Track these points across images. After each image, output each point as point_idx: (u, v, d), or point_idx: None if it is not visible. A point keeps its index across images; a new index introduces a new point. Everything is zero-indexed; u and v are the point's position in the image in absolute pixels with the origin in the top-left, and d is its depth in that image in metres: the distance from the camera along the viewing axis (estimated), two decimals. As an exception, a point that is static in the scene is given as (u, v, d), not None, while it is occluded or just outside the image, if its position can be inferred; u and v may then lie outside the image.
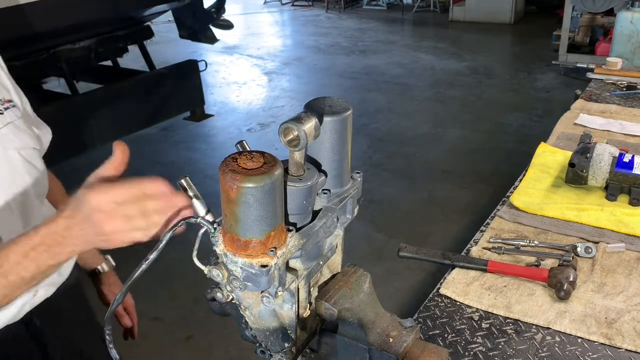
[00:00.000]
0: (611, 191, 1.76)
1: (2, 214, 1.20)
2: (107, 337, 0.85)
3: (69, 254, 0.91)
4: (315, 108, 0.81)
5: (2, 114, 1.24)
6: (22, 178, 1.26)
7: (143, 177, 0.86)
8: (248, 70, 8.06)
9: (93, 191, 0.85)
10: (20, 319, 1.31)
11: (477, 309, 1.37)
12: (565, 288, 1.35)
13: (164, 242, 0.80)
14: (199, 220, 0.80)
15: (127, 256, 1.26)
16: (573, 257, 1.48)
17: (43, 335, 1.36)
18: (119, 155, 0.89)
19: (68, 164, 3.47)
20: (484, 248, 1.59)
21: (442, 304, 1.40)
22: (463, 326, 1.33)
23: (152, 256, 0.80)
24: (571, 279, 1.37)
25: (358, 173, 0.90)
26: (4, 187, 1.21)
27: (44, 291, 1.34)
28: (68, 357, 1.45)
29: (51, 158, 1.39)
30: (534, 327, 1.31)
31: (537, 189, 1.86)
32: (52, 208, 1.42)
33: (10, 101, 1.28)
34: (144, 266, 0.80)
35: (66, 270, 1.41)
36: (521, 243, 1.58)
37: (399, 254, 1.56)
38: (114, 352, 0.86)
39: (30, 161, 1.29)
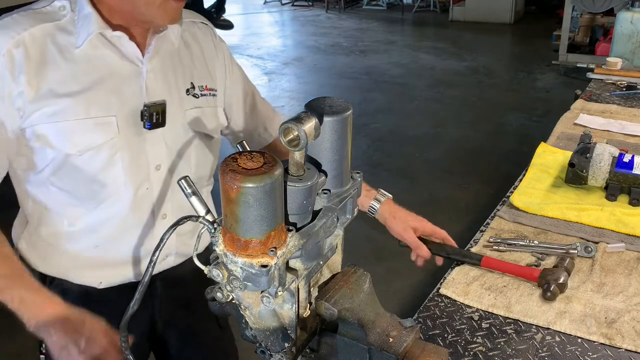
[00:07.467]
0: (611, 191, 1.76)
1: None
2: (123, 343, 0.86)
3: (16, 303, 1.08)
4: (315, 108, 0.81)
5: (197, 97, 1.30)
6: (188, 159, 1.32)
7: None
8: (248, 70, 7.97)
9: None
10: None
11: (477, 309, 1.37)
12: (552, 289, 1.35)
13: (164, 243, 0.81)
14: (199, 220, 0.80)
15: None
16: (570, 258, 1.47)
17: (158, 298, 1.40)
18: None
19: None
20: (484, 247, 1.59)
21: (442, 304, 1.40)
22: (463, 326, 1.33)
23: (155, 257, 0.81)
24: (561, 280, 1.36)
25: (358, 173, 0.90)
26: (173, 159, 1.28)
27: (173, 258, 1.37)
28: (175, 328, 1.48)
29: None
30: (533, 327, 1.31)
31: (537, 189, 1.86)
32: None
33: (212, 89, 1.34)
34: (150, 269, 0.80)
35: (202, 245, 1.49)
36: (521, 243, 1.58)
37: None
38: (130, 358, 0.86)
39: (205, 147, 1.35)
